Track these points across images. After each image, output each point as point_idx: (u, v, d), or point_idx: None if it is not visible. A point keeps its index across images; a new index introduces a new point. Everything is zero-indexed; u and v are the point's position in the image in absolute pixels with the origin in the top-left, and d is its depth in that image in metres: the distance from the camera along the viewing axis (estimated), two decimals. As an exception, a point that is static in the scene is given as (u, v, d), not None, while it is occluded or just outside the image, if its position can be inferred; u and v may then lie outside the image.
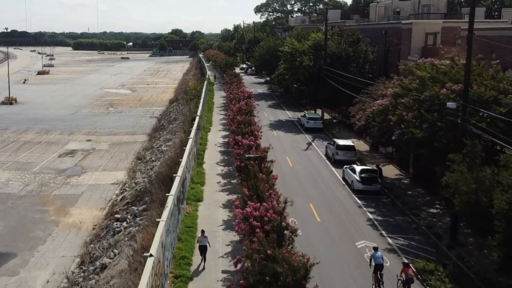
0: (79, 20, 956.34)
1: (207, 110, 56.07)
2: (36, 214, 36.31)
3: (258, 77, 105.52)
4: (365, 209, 27.24)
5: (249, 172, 21.19)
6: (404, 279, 17.80)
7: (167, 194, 20.21)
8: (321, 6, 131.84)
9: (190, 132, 35.72)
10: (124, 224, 28.16)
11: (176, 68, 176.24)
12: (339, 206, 27.58)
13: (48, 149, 56.15)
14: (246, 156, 22.46)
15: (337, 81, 47.07)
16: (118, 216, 30.42)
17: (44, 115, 78.64)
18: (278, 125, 50.82)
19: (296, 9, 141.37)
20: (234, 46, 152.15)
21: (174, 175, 23.21)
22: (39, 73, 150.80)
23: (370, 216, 26.19)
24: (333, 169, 34.89)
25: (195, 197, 27.90)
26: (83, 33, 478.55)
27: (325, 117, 50.89)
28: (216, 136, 44.99)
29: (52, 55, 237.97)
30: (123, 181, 42.98)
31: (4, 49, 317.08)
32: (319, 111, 54.91)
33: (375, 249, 19.26)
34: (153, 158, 44.71)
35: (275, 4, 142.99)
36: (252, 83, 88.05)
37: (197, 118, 38.79)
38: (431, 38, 40.41)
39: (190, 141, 30.50)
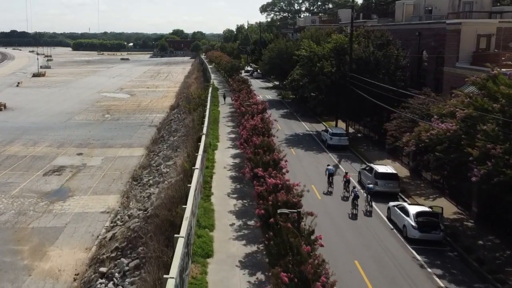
0: (79, 21, 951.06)
1: (213, 121, 49.41)
2: (6, 257, 29.61)
3: (265, 81, 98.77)
4: (429, 269, 20.51)
5: (284, 241, 14.50)
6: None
7: (165, 277, 13.49)
8: (330, 5, 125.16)
9: (194, 157, 29.04)
10: (110, 285, 21.48)
11: (177, 70, 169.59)
12: (394, 265, 20.84)
13: (33, 166, 49.50)
14: (279, 211, 15.82)
15: (363, 90, 40.52)
16: (103, 269, 23.74)
17: (34, 123, 72.02)
18: (295, 141, 44.06)
19: (303, 8, 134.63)
20: (238, 47, 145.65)
21: (176, 235, 16.52)
22: (35, 75, 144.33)
23: (440, 282, 19.43)
24: (373, 204, 28.13)
25: (203, 250, 21.22)
26: (83, 34, 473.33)
27: (348, 131, 44.16)
28: (225, 156, 38.28)
29: (50, 56, 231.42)
30: (115, 210, 36.30)
31: (3, 49, 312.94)
32: (340, 124, 48.16)
33: None
34: (150, 182, 38.02)
35: (281, 3, 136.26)
36: (259, 88, 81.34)
37: (203, 139, 32.03)
38: (483, 41, 33.70)
39: (195, 175, 23.80)
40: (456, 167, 21.76)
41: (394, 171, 29.55)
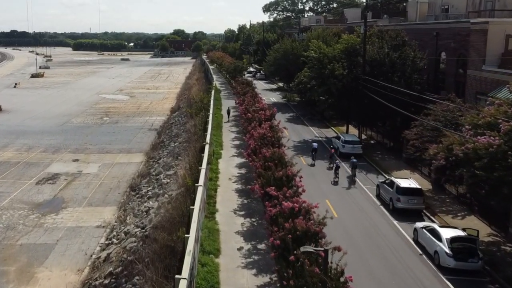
0: (80, 21, 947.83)
1: (215, 126, 46.60)
2: (-11, 279, 26.93)
3: (269, 82, 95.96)
4: (469, 306, 17.77)
5: (308, 284, 11.73)
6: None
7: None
8: (334, 5, 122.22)
9: (197, 170, 26.28)
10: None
11: (178, 71, 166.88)
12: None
13: (25, 173, 46.81)
14: (302, 250, 13.05)
15: (377, 93, 37.80)
16: (95, 301, 21.00)
17: (30, 126, 69.35)
18: (304, 148, 41.22)
19: (307, 8, 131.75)
20: (240, 48, 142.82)
21: (177, 276, 13.73)
22: (33, 75, 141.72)
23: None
24: (395, 223, 25.38)
25: (208, 283, 18.46)
26: (84, 34, 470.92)
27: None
28: (230, 165, 35.49)
29: (50, 56, 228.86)
30: (111, 224, 33.57)
31: (2, 49, 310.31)
32: (351, 130, 45.39)
33: None
34: (149, 193, 35.26)
35: (285, 2, 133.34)
36: (263, 90, 78.47)
37: (206, 149, 29.18)
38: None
39: (199, 194, 21.00)
40: (497, 186, 19.00)
41: (418, 186, 26.71)
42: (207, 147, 29.73)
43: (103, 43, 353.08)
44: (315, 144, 37.84)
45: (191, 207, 19.54)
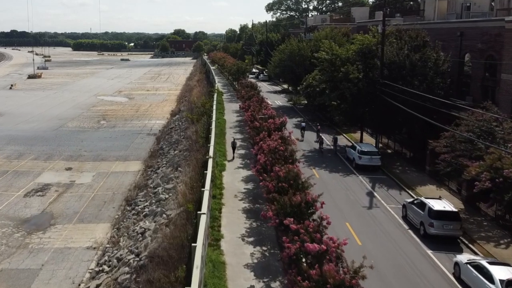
0: (81, 21, 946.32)
1: (218, 133, 43.15)
2: (-39, 315, 23.55)
3: (273, 84, 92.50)
4: None
5: None
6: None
7: None
8: (339, 4, 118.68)
9: (198, 189, 22.84)
10: None
11: (179, 72, 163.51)
12: None
13: (14, 183, 43.43)
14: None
15: (396, 99, 34.43)
16: None
17: (22, 131, 65.96)
18: (316, 158, 37.76)
19: (311, 7, 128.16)
20: (242, 48, 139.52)
21: None
22: (30, 76, 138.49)
23: None
24: (430, 253, 21.87)
25: None
26: (84, 34, 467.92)
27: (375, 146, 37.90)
28: (235, 179, 32.02)
29: (49, 56, 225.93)
30: (103, 246, 30.16)
31: (1, 49, 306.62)
32: (366, 138, 41.94)
33: None
34: (146, 210, 31.82)
35: (288, 1, 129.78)
36: (267, 92, 74.99)
37: (209, 166, 25.62)
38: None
39: (201, 228, 17.52)
40: None
41: (454, 209, 23.17)
42: (210, 162, 26.19)
43: (103, 43, 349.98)
44: (303, 124, 46.10)
45: (193, 244, 16.06)
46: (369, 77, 37.55)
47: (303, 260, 15.23)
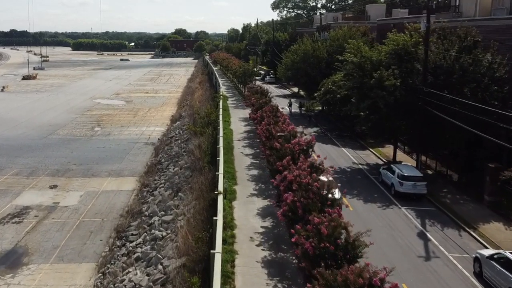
0: (81, 20, 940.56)
1: (225, 148, 36.87)
2: None
3: (280, 87, 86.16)
4: None
5: None
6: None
7: None
8: (349, 1, 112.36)
9: (204, 239, 16.61)
10: None
11: (180, 73, 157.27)
12: None
13: (-13, 206, 37.24)
14: None
15: (442, 111, 28.31)
16: None
17: (7, 139, 59.78)
18: (345, 182, 31.32)
19: (319, 5, 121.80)
20: (246, 48, 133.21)
21: None
22: (24, 78, 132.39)
23: None
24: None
25: None
26: (85, 33, 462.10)
27: (415, 165, 31.55)
28: (249, 212, 25.69)
29: (47, 56, 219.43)
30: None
31: (0, 49, 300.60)
32: (399, 155, 35.63)
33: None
34: (138, 252, 25.57)
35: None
36: (275, 96, 68.54)
37: (219, 210, 19.00)
38: None
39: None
40: None
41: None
42: (220, 203, 19.65)
43: (103, 43, 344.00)
44: (293, 99, 51.26)
45: None
46: (408, 84, 31.26)
47: None
